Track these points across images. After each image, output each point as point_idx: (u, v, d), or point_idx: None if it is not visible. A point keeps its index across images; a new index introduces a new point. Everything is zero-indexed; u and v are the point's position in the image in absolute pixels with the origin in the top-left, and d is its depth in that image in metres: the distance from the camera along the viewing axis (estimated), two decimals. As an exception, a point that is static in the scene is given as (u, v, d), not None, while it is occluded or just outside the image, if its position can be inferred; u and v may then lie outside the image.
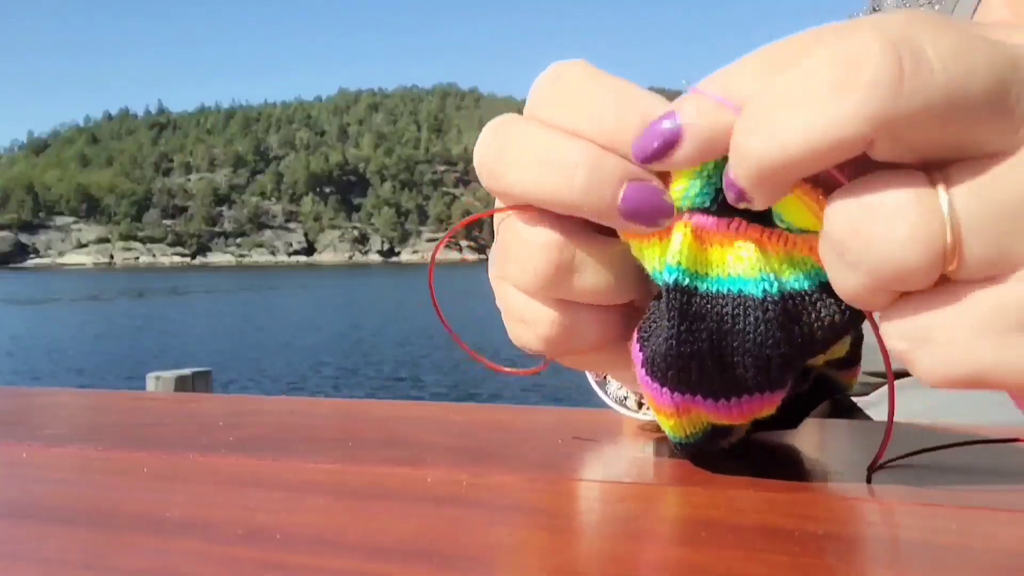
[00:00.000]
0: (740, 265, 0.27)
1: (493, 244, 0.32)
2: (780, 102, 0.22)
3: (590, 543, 0.27)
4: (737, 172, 0.24)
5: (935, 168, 0.22)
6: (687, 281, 0.27)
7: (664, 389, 0.30)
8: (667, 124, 0.25)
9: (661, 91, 0.29)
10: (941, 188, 0.21)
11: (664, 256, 0.28)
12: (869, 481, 0.33)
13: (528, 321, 0.31)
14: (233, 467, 0.37)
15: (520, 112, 0.30)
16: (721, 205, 0.27)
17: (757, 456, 0.38)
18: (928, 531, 0.27)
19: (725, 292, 0.27)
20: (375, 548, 0.26)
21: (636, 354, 0.31)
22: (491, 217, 0.32)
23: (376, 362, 12.65)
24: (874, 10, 0.74)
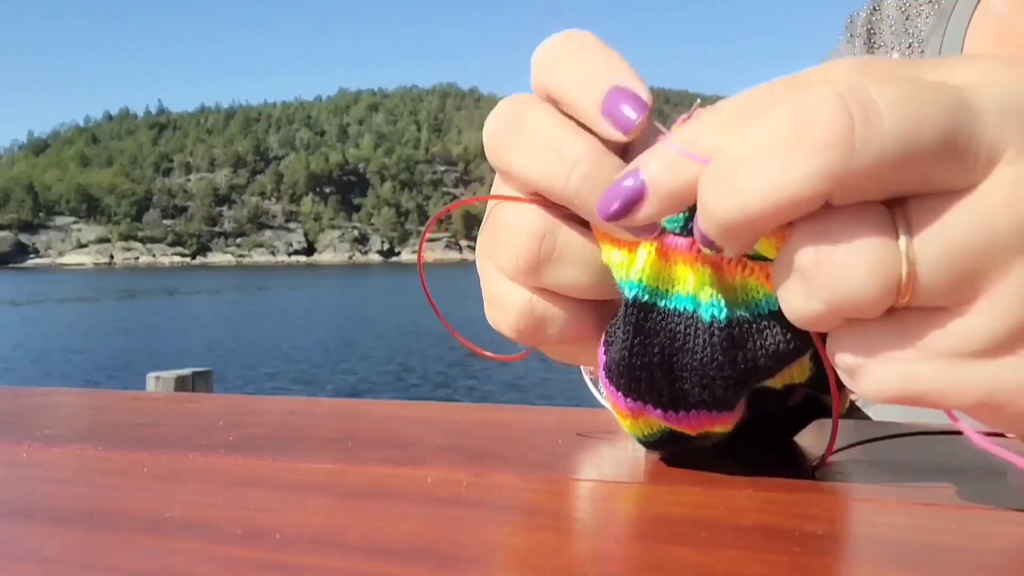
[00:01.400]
0: (696, 286, 0.28)
1: (482, 224, 0.32)
2: (739, 162, 0.23)
3: (590, 543, 0.27)
4: (704, 227, 0.24)
5: (896, 203, 0.23)
6: (646, 297, 0.29)
7: (619, 393, 0.32)
8: (629, 182, 0.26)
9: (661, 92, 0.29)
10: (901, 224, 0.22)
11: (629, 269, 0.29)
12: (813, 477, 0.34)
13: (502, 307, 0.31)
14: (233, 467, 0.37)
15: None
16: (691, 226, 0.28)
17: (755, 456, 0.38)
18: (928, 531, 0.27)
19: (681, 310, 0.29)
20: (375, 548, 0.26)
21: (601, 356, 0.32)
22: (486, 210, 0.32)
23: (376, 362, 12.65)
24: (875, 10, 0.74)
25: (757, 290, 0.28)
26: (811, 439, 0.42)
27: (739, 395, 0.30)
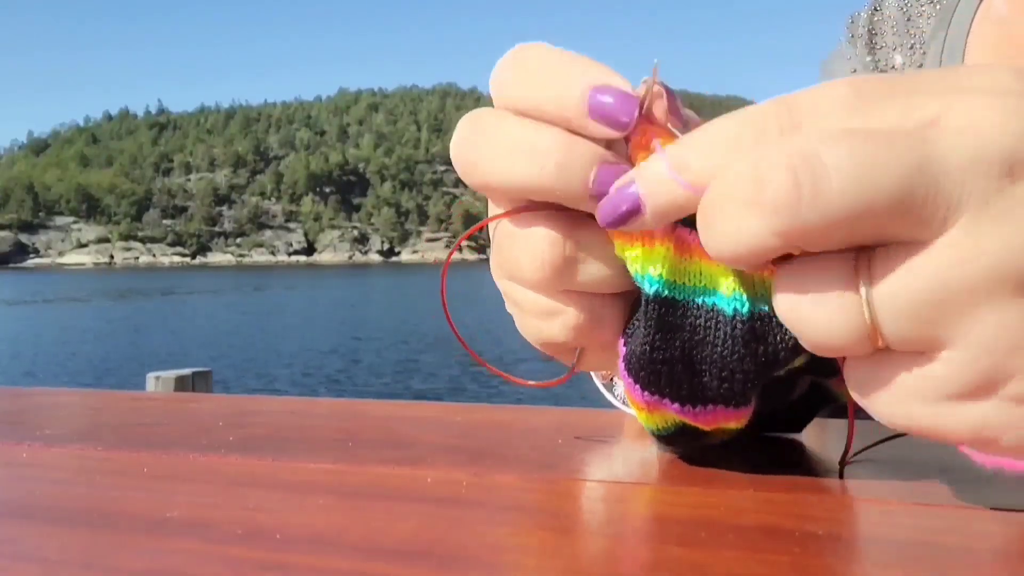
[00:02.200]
0: (716, 279, 0.28)
1: (492, 247, 0.32)
2: (713, 208, 0.24)
3: (590, 543, 0.27)
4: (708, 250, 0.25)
5: (863, 250, 0.23)
6: (667, 292, 0.29)
7: (637, 386, 0.31)
8: (627, 194, 0.26)
9: (661, 92, 0.29)
10: (863, 274, 0.23)
11: (646, 263, 0.29)
12: (841, 476, 0.34)
13: (554, 312, 0.31)
14: (233, 467, 0.37)
15: None
16: None
17: (756, 456, 0.38)
18: (928, 531, 0.27)
19: (700, 303, 0.29)
20: (375, 548, 0.26)
21: (620, 348, 0.32)
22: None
23: (376, 362, 12.66)
24: (876, 10, 0.74)
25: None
26: (822, 440, 0.42)
27: (756, 389, 0.30)
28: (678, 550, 0.26)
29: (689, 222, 0.28)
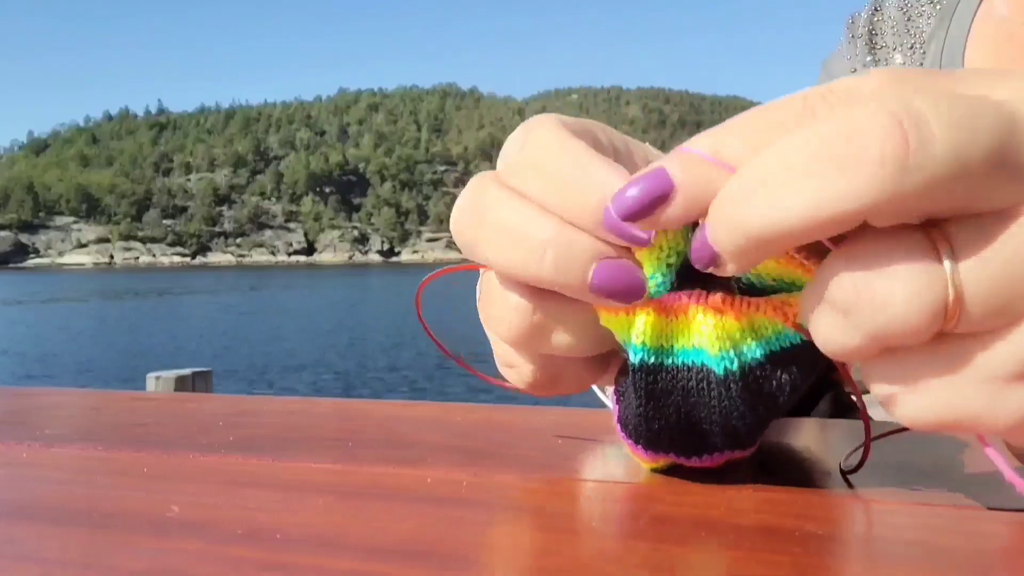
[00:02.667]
0: (701, 338, 0.27)
1: (478, 287, 0.32)
2: (780, 172, 0.22)
3: (590, 543, 0.27)
4: (721, 237, 0.23)
5: (933, 225, 0.22)
6: (652, 359, 0.28)
7: (638, 446, 0.32)
8: (655, 182, 0.24)
9: (661, 92, 0.29)
10: (943, 247, 0.21)
11: (630, 332, 0.28)
12: (846, 481, 0.34)
13: (514, 367, 0.32)
14: (233, 467, 0.37)
15: (520, 112, 0.30)
16: (680, 276, 0.27)
17: (757, 455, 0.38)
18: (928, 531, 0.27)
19: (690, 364, 0.28)
20: (375, 548, 0.26)
21: (614, 405, 0.32)
22: None
23: (376, 362, 12.65)
24: (876, 11, 0.74)
25: (766, 327, 0.27)
26: (823, 440, 0.42)
27: (761, 432, 0.30)
28: (678, 550, 0.26)
29: (660, 292, 0.27)
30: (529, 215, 0.27)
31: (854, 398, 0.38)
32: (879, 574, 0.24)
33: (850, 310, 0.22)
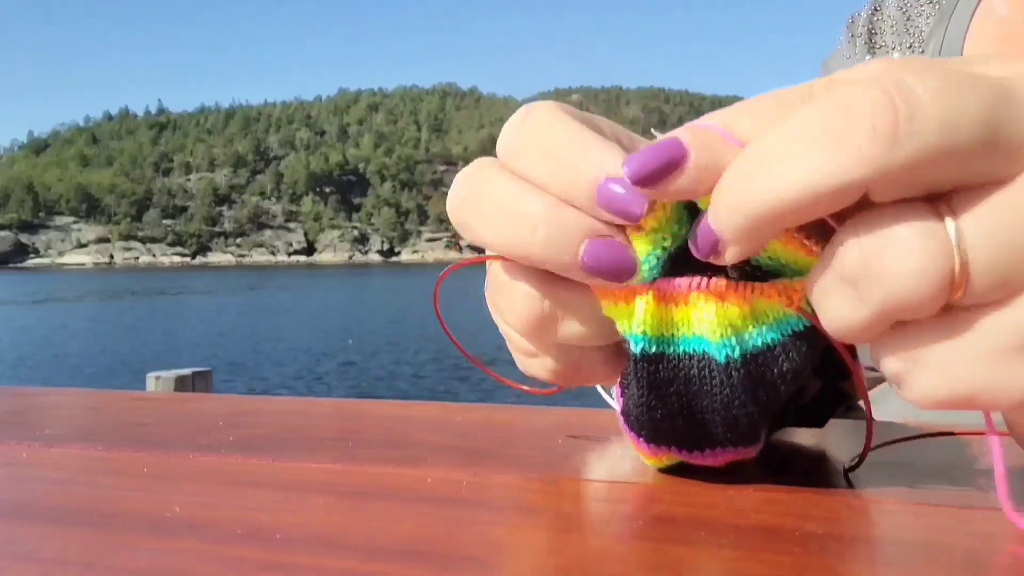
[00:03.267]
0: (703, 326, 0.27)
1: (486, 279, 0.32)
2: (779, 148, 0.22)
3: (590, 543, 0.27)
4: (723, 218, 0.23)
5: (936, 198, 0.22)
6: (653, 348, 0.28)
7: (640, 439, 0.32)
8: (669, 149, 0.24)
9: (661, 92, 0.29)
10: (948, 219, 0.21)
11: (630, 321, 0.28)
12: (847, 480, 0.34)
13: (535, 356, 0.32)
14: (233, 467, 0.37)
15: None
16: (677, 264, 0.27)
17: (758, 455, 0.38)
18: (928, 531, 0.27)
19: (691, 352, 0.28)
20: (375, 548, 0.26)
21: (618, 397, 0.32)
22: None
23: (375, 362, 12.65)
24: (876, 10, 0.74)
25: (768, 313, 0.27)
26: (823, 440, 0.42)
27: (763, 426, 0.30)
28: (678, 550, 0.26)
29: (652, 275, 0.27)
30: (522, 192, 0.27)
31: (857, 390, 0.38)
32: (879, 574, 0.24)
33: (859, 281, 0.22)
